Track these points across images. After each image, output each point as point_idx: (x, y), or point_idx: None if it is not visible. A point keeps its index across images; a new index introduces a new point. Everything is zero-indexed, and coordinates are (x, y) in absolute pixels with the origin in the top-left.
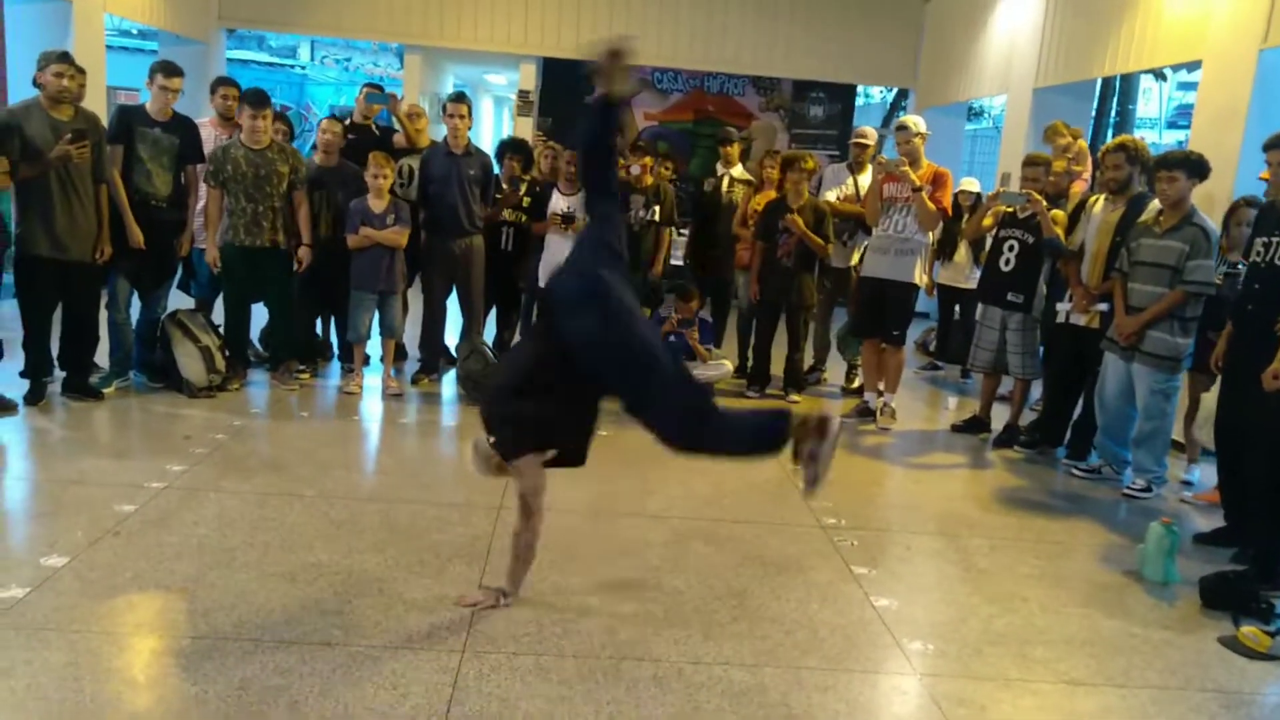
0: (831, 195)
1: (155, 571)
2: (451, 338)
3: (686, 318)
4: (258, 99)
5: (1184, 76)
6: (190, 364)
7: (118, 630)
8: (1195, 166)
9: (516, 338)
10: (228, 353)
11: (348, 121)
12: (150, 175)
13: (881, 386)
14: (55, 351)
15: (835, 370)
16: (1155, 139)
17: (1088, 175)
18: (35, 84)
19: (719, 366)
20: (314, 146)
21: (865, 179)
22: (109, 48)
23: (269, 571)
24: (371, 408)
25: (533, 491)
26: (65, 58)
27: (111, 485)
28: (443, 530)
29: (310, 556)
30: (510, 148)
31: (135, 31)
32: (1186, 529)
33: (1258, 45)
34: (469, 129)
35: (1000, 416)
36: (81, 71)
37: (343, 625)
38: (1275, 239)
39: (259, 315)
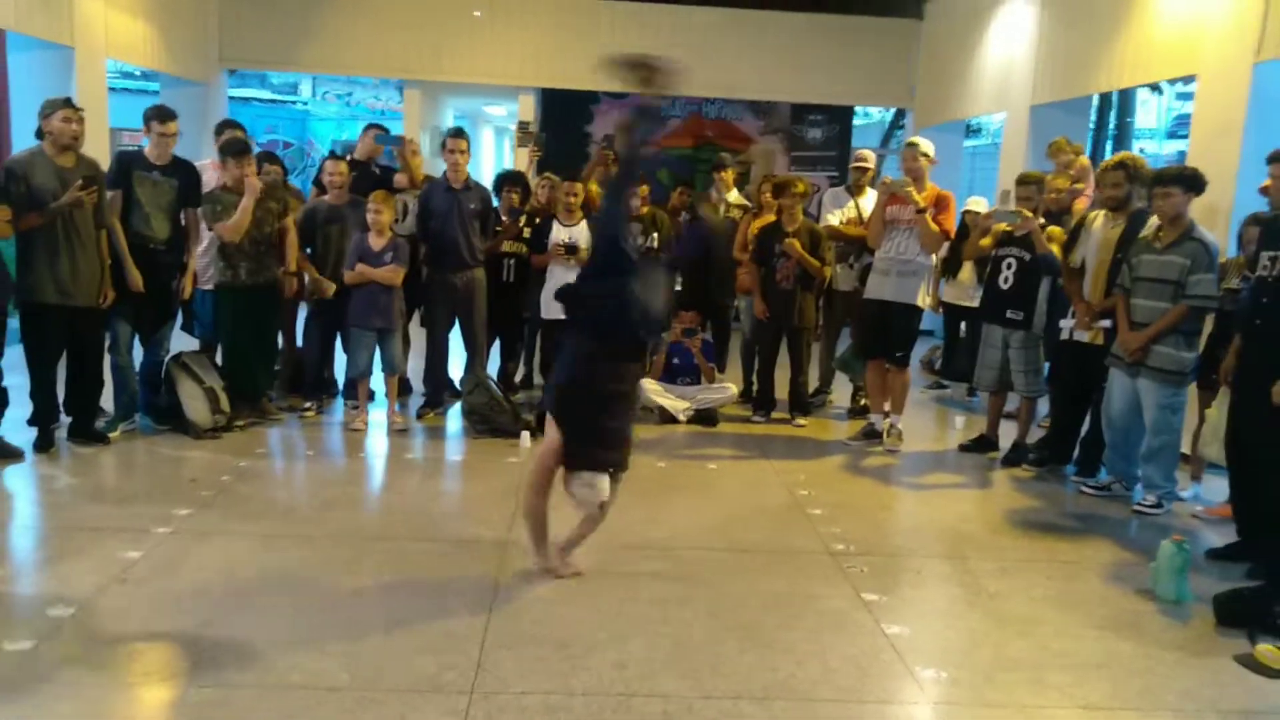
0: (834, 218)
1: (161, 618)
2: (456, 371)
3: (689, 326)
4: (240, 148)
5: (1181, 87)
6: (195, 405)
7: (126, 680)
8: (1191, 181)
9: (520, 369)
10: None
11: (349, 158)
12: (149, 219)
13: (888, 407)
14: (60, 397)
15: (841, 392)
16: (1156, 149)
17: (1090, 192)
18: (40, 133)
19: (723, 389)
20: (315, 183)
21: (865, 201)
22: (111, 89)
23: (275, 615)
24: (377, 444)
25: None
26: (69, 103)
27: (118, 531)
28: (450, 569)
29: (316, 598)
30: (508, 180)
31: (138, 73)
32: (1198, 545)
33: (1252, 59)
34: (468, 163)
35: (1008, 435)
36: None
37: (350, 668)
38: None
39: None
